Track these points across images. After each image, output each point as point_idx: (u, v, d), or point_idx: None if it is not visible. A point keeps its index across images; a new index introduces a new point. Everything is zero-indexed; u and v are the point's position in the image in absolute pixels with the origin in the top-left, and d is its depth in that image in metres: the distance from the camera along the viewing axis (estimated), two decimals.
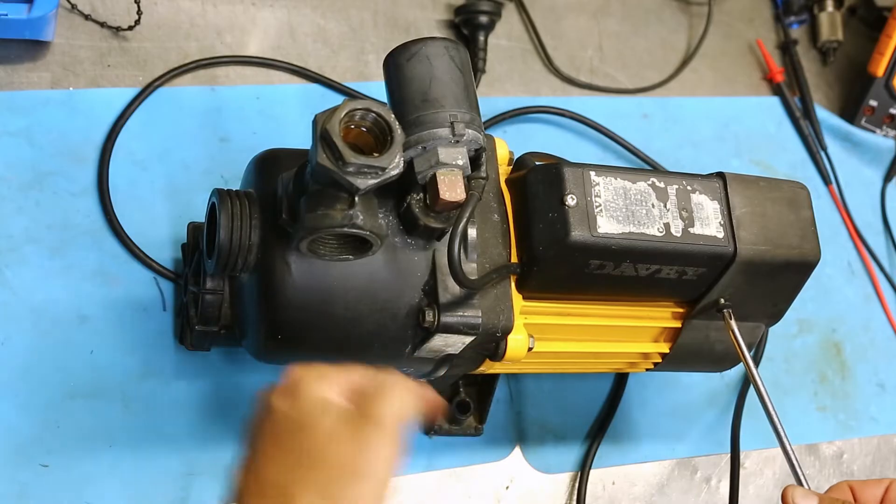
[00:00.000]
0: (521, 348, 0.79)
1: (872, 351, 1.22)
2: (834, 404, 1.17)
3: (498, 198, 0.81)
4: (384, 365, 0.81)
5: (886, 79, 1.30)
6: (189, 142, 0.98)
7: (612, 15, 1.28)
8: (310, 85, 1.07)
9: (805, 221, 0.84)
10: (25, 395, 0.85)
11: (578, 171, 0.78)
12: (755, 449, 1.10)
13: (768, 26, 1.38)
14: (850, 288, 1.25)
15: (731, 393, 1.11)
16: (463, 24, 1.15)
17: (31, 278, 0.88)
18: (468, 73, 0.76)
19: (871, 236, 1.28)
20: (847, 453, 1.15)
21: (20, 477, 0.83)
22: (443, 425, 0.95)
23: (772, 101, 1.33)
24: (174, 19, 1.03)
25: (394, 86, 0.75)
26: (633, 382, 1.06)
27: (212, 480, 0.88)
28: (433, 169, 0.73)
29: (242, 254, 0.74)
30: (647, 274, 0.80)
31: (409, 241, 0.76)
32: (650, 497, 1.04)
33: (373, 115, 0.67)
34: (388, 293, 0.76)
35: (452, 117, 0.73)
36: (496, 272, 0.77)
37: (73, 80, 0.97)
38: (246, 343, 0.81)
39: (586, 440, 1.03)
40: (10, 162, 0.91)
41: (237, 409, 0.91)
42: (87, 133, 0.95)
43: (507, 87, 1.17)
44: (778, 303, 0.88)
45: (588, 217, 0.76)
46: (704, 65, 1.30)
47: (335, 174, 0.65)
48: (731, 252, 0.80)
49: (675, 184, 0.81)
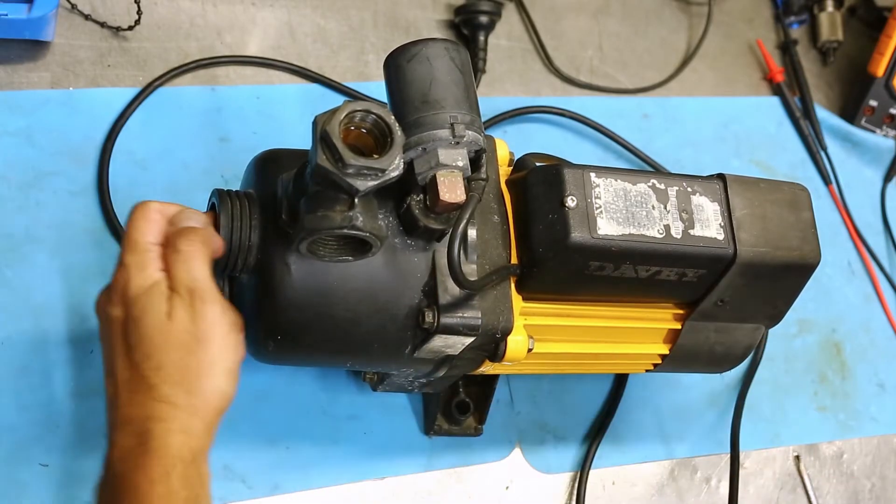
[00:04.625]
0: (520, 349, 0.79)
1: (872, 351, 1.22)
2: (834, 404, 1.17)
3: (498, 199, 0.81)
4: (384, 365, 0.82)
5: (886, 79, 1.30)
6: (189, 142, 0.98)
7: (612, 15, 1.28)
8: (310, 85, 1.07)
9: (805, 223, 0.84)
10: (25, 395, 0.85)
11: (578, 173, 0.78)
12: (755, 449, 1.10)
13: (768, 26, 1.38)
14: (850, 288, 1.25)
15: (731, 393, 1.11)
16: (463, 24, 1.15)
17: (31, 278, 0.88)
18: (468, 74, 0.76)
19: (871, 236, 1.28)
20: (847, 453, 1.15)
21: (20, 477, 0.83)
22: (443, 425, 0.95)
23: (772, 101, 1.33)
24: (174, 19, 1.03)
25: (394, 87, 0.75)
26: (633, 382, 1.06)
27: (211, 480, 0.87)
28: (433, 170, 0.73)
29: (242, 254, 0.74)
30: (647, 275, 0.80)
31: (408, 242, 0.76)
32: (650, 497, 1.04)
33: (373, 117, 0.67)
34: (388, 294, 0.76)
35: (453, 119, 0.73)
36: (496, 273, 0.77)
37: (73, 80, 0.97)
38: (245, 343, 0.81)
39: (586, 440, 1.03)
40: (10, 162, 0.91)
41: (237, 409, 0.90)
42: (87, 133, 0.95)
43: (507, 87, 1.17)
44: (778, 304, 0.88)
45: (588, 218, 0.76)
46: (704, 65, 1.31)
47: (335, 176, 0.65)
48: (731, 254, 0.80)
49: (676, 185, 0.81)
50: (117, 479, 0.65)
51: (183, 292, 0.67)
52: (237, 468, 0.89)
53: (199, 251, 0.69)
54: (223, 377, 0.68)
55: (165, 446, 0.64)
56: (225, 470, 0.88)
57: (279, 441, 0.91)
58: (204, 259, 0.69)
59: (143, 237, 0.69)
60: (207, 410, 0.67)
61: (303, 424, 0.92)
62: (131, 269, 0.68)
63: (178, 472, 0.64)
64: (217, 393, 0.68)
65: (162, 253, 0.69)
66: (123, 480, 0.64)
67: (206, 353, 0.67)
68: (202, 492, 0.67)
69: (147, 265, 0.68)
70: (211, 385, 0.67)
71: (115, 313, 0.68)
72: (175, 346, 0.66)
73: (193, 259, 0.68)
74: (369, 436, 0.94)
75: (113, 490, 0.65)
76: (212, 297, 0.68)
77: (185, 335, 0.67)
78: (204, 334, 0.67)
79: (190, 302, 0.67)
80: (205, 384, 0.67)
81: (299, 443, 0.92)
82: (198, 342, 0.67)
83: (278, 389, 0.92)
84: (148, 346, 0.66)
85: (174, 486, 0.64)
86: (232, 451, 0.89)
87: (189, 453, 0.65)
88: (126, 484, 0.64)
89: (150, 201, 0.71)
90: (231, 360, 0.69)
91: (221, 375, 0.68)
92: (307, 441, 0.92)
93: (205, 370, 0.67)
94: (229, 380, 0.69)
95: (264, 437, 0.91)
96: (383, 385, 0.88)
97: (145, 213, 0.70)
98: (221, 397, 0.68)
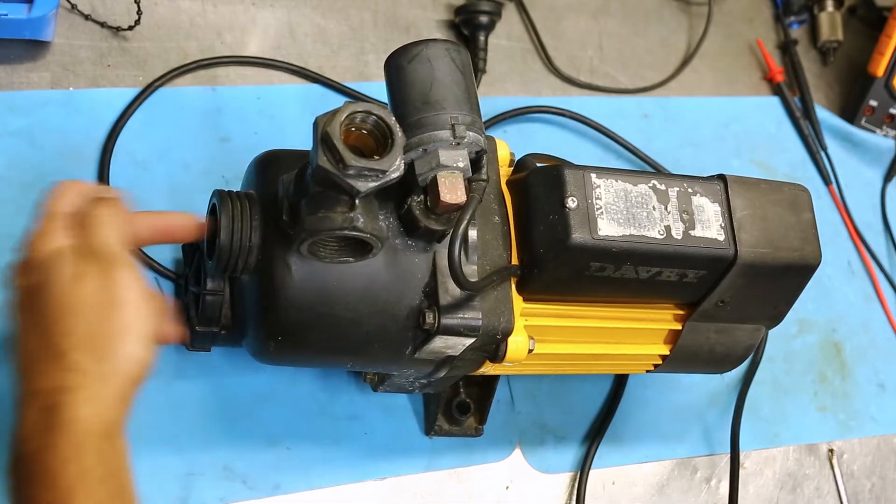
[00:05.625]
0: (521, 350, 0.79)
1: (872, 351, 1.22)
2: (834, 404, 1.17)
3: (499, 200, 0.81)
4: (385, 366, 0.82)
5: (886, 79, 1.31)
6: (190, 142, 0.98)
7: (612, 15, 1.28)
8: (310, 85, 1.07)
9: (806, 224, 0.84)
10: None
11: (579, 173, 0.78)
12: (755, 449, 1.11)
13: (768, 26, 1.38)
14: (850, 288, 1.25)
15: (731, 393, 1.11)
16: (463, 24, 1.15)
17: None
18: (469, 74, 0.76)
19: (871, 236, 1.28)
20: (847, 453, 1.16)
21: None
22: (443, 426, 0.96)
23: (772, 101, 1.33)
24: (174, 19, 1.03)
25: (395, 87, 0.75)
26: (633, 383, 1.06)
27: (212, 480, 0.88)
28: (434, 171, 0.73)
29: (243, 255, 0.74)
30: (647, 276, 0.80)
31: (409, 243, 0.76)
32: (650, 497, 1.04)
33: (374, 118, 0.67)
34: (389, 295, 0.76)
35: (453, 119, 0.73)
36: (497, 274, 0.77)
37: (73, 80, 0.97)
38: (246, 343, 0.81)
39: (586, 440, 1.03)
40: (10, 162, 0.91)
41: (237, 409, 0.91)
42: (88, 133, 0.95)
43: (507, 87, 1.17)
44: (778, 305, 0.88)
45: (589, 219, 0.76)
46: (704, 65, 1.30)
47: (336, 177, 0.65)
48: (731, 255, 0.80)
49: (676, 186, 0.81)
50: (27, 460, 0.61)
51: (91, 256, 0.65)
52: (237, 468, 0.89)
53: (111, 218, 0.67)
54: (138, 343, 0.65)
55: (75, 420, 0.61)
56: (225, 470, 0.88)
57: (280, 441, 0.91)
58: (115, 226, 0.67)
59: (54, 207, 0.68)
60: (120, 377, 0.64)
61: (303, 425, 0.92)
62: (37, 235, 0.67)
63: (90, 448, 0.61)
64: (131, 359, 0.65)
65: (72, 222, 0.67)
66: (33, 461, 0.61)
67: (119, 318, 0.64)
68: (120, 466, 0.63)
69: (54, 231, 0.67)
70: (124, 350, 0.64)
71: (22, 282, 0.66)
72: (85, 309, 0.64)
73: (103, 224, 0.67)
74: (370, 436, 0.94)
75: (23, 472, 0.62)
76: (123, 261, 0.66)
77: (95, 298, 0.64)
78: (116, 298, 0.65)
79: (99, 266, 0.65)
80: (118, 349, 0.64)
81: (300, 443, 0.92)
82: (110, 305, 0.64)
83: (279, 390, 0.92)
84: (56, 311, 0.64)
85: (88, 463, 0.61)
86: (232, 452, 0.89)
87: (100, 425, 0.62)
88: (36, 465, 0.61)
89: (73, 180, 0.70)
90: (145, 326, 0.66)
91: (136, 341, 0.65)
92: (308, 441, 0.92)
93: (117, 335, 0.64)
94: (144, 346, 0.66)
95: (265, 437, 0.91)
96: (384, 385, 0.88)
97: (62, 187, 0.69)
98: (136, 363, 0.65)
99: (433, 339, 0.76)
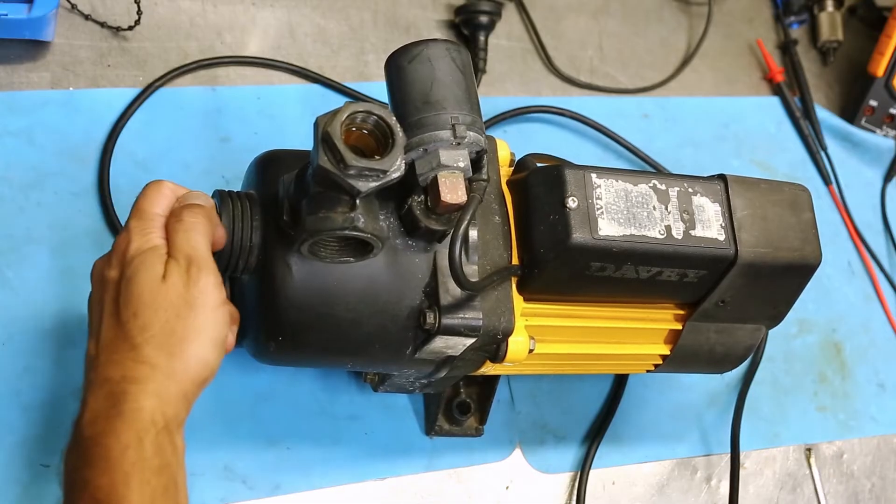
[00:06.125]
0: (521, 350, 0.79)
1: (872, 351, 1.22)
2: (834, 404, 1.17)
3: (499, 199, 0.81)
4: (385, 366, 0.82)
5: (886, 79, 1.31)
6: (190, 142, 0.98)
7: (612, 15, 1.28)
8: (310, 85, 1.07)
9: (806, 224, 0.84)
10: (27, 396, 0.85)
11: (580, 173, 0.78)
12: (755, 449, 1.10)
13: (768, 26, 1.38)
14: (850, 288, 1.25)
15: (731, 393, 1.11)
16: (463, 24, 1.15)
17: (32, 278, 0.88)
18: (469, 74, 0.76)
19: (871, 236, 1.28)
20: (847, 453, 1.16)
21: (21, 477, 0.83)
22: (444, 426, 0.96)
23: (772, 101, 1.33)
24: (174, 19, 1.03)
25: (395, 87, 0.75)
26: (633, 383, 1.06)
27: (212, 480, 0.88)
28: (434, 171, 0.73)
29: (243, 255, 0.74)
30: (648, 276, 0.80)
31: (410, 243, 0.76)
32: (650, 497, 1.04)
33: (374, 118, 0.67)
34: (389, 295, 0.76)
35: (454, 119, 0.73)
36: (497, 274, 0.77)
37: (73, 80, 0.97)
38: (246, 343, 0.81)
39: (586, 440, 1.03)
40: (10, 162, 0.91)
41: (237, 409, 0.91)
42: (88, 133, 0.95)
43: (507, 87, 1.17)
44: (778, 305, 0.88)
45: (589, 219, 0.76)
46: (704, 65, 1.31)
47: (336, 177, 0.65)
48: (732, 254, 0.80)
49: (677, 186, 0.81)
50: (87, 443, 0.63)
51: (180, 258, 0.68)
52: (238, 468, 0.89)
53: (202, 224, 0.69)
54: (209, 346, 0.68)
55: (139, 409, 0.63)
56: (226, 470, 0.89)
57: (280, 441, 0.91)
58: (205, 233, 0.69)
59: (150, 207, 0.70)
60: (186, 376, 0.66)
61: (304, 425, 0.92)
62: (133, 232, 0.69)
63: (150, 439, 0.63)
64: (200, 361, 0.67)
65: (166, 224, 0.70)
66: (94, 445, 0.63)
67: (195, 319, 0.67)
68: (176, 461, 0.65)
69: (150, 231, 0.69)
70: (194, 351, 0.66)
71: (110, 274, 0.68)
72: (165, 307, 0.66)
73: (194, 230, 0.69)
74: (370, 436, 0.94)
75: (82, 455, 0.63)
76: (208, 267, 0.68)
77: (176, 298, 0.66)
78: (195, 300, 0.67)
79: (186, 268, 0.67)
80: (188, 350, 0.66)
81: (300, 443, 0.92)
82: (188, 307, 0.67)
83: (279, 390, 0.92)
84: (137, 305, 0.66)
85: (146, 452, 0.63)
86: (232, 452, 0.89)
87: (162, 419, 0.64)
88: (96, 449, 0.63)
89: (164, 180, 0.72)
90: (219, 332, 0.68)
91: (207, 344, 0.67)
92: (308, 441, 0.92)
93: (191, 335, 0.66)
94: (214, 350, 0.68)
95: (265, 437, 0.91)
96: (384, 385, 0.88)
97: (157, 187, 0.71)
98: (204, 366, 0.67)
99: (434, 339, 0.76)
